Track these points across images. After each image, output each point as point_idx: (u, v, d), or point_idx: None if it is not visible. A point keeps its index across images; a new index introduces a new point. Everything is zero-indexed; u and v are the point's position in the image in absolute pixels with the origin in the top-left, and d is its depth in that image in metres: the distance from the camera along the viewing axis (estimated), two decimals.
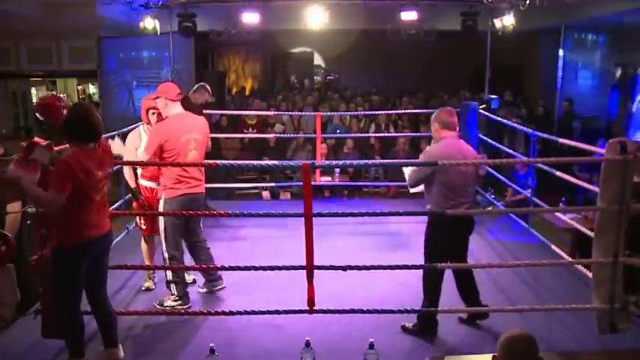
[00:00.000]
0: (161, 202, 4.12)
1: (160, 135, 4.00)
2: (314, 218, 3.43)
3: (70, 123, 3.15)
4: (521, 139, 9.10)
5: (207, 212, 4.29)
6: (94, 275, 3.28)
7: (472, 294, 3.95)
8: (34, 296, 3.74)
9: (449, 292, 3.93)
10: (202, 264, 4.33)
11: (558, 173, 5.09)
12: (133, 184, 4.45)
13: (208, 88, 6.31)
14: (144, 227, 4.55)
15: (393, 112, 9.35)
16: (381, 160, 8.50)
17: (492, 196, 7.00)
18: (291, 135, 9.01)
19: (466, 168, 3.69)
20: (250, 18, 8.47)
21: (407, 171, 3.88)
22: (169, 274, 4.16)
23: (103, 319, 3.37)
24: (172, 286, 4.18)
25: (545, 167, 5.41)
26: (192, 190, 4.15)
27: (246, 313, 3.71)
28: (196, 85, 6.34)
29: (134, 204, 4.53)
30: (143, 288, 4.58)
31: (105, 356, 3.38)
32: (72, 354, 3.30)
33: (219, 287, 4.51)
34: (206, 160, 4.08)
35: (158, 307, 4.19)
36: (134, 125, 4.94)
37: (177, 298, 4.18)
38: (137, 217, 4.65)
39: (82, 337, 3.33)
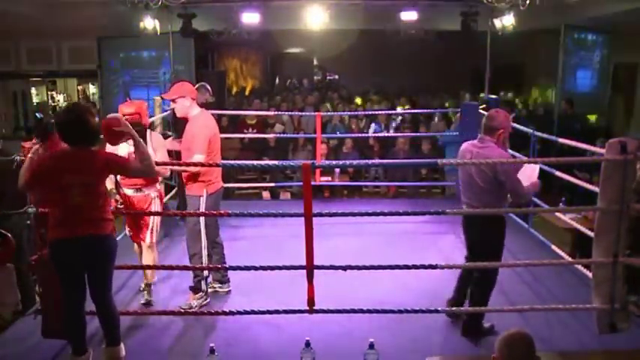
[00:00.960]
0: (202, 200, 4.12)
1: (207, 130, 4.12)
2: (314, 218, 3.43)
3: (59, 123, 3.15)
4: None
5: (215, 212, 4.28)
6: (91, 276, 3.27)
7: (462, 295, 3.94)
8: (28, 297, 3.74)
9: (448, 293, 3.94)
10: (216, 264, 4.35)
11: (558, 173, 5.09)
12: (110, 185, 4.19)
13: (209, 87, 6.30)
14: (130, 234, 4.46)
15: (393, 112, 9.35)
16: (381, 160, 8.49)
17: None
18: (291, 135, 9.01)
19: (469, 168, 3.68)
20: (250, 18, 8.48)
21: None
22: (204, 272, 4.19)
23: (106, 319, 3.36)
24: (202, 282, 4.20)
25: (546, 167, 5.39)
26: (222, 184, 4.35)
27: (246, 313, 3.71)
28: (197, 85, 6.33)
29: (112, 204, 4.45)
30: (141, 288, 4.56)
31: (106, 354, 3.37)
32: (73, 351, 3.31)
33: (227, 289, 4.52)
34: (205, 161, 4.08)
35: (186, 310, 4.13)
36: None
37: (204, 294, 4.21)
38: (125, 224, 4.57)
39: (82, 335, 3.33)
